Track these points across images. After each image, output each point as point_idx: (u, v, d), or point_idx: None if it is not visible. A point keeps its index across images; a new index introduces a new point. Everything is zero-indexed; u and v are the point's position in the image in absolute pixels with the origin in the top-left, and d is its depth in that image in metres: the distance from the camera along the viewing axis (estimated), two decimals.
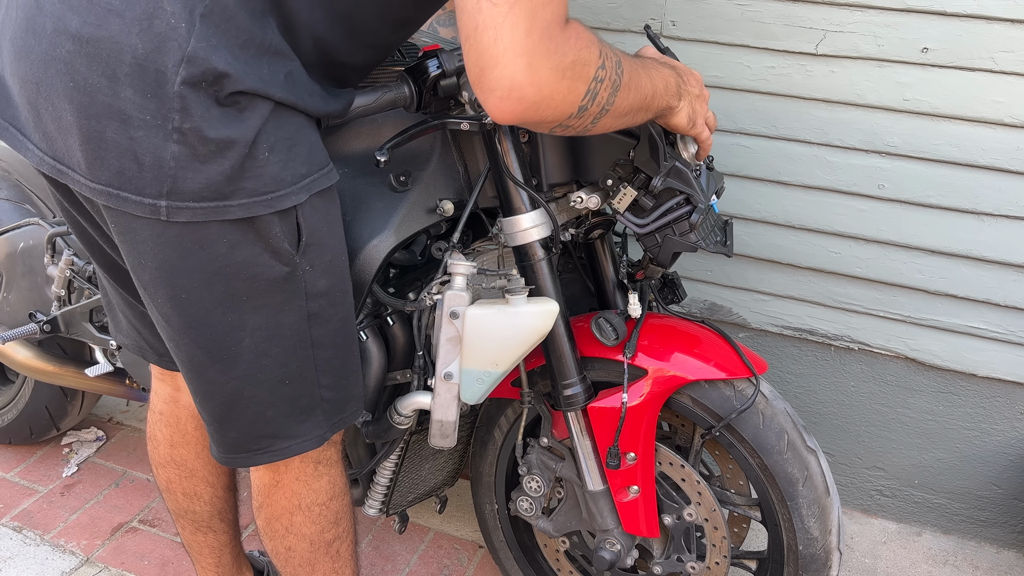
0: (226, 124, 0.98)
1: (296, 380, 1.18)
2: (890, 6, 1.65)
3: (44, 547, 1.96)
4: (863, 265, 1.88)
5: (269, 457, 1.23)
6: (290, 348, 1.16)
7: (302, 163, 1.06)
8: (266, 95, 1.00)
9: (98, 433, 2.35)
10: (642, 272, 1.48)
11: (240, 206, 1.02)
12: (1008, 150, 1.68)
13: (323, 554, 1.38)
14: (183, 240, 1.04)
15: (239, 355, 1.14)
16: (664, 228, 1.26)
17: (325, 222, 1.13)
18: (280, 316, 1.13)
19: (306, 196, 1.07)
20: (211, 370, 1.15)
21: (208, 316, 1.10)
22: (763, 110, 1.82)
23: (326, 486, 1.34)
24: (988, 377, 1.89)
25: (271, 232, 1.06)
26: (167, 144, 0.97)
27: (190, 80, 0.95)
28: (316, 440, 1.24)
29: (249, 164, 1.01)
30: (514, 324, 1.26)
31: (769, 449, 1.38)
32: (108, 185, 1.01)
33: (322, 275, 1.14)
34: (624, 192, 1.26)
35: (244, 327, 1.12)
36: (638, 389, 1.37)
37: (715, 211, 1.31)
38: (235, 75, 0.96)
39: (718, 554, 1.49)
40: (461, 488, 2.10)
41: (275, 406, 1.19)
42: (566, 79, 0.93)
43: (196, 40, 0.94)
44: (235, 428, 1.21)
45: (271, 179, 1.03)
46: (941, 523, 2.08)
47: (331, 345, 1.20)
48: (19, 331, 1.86)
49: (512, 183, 1.29)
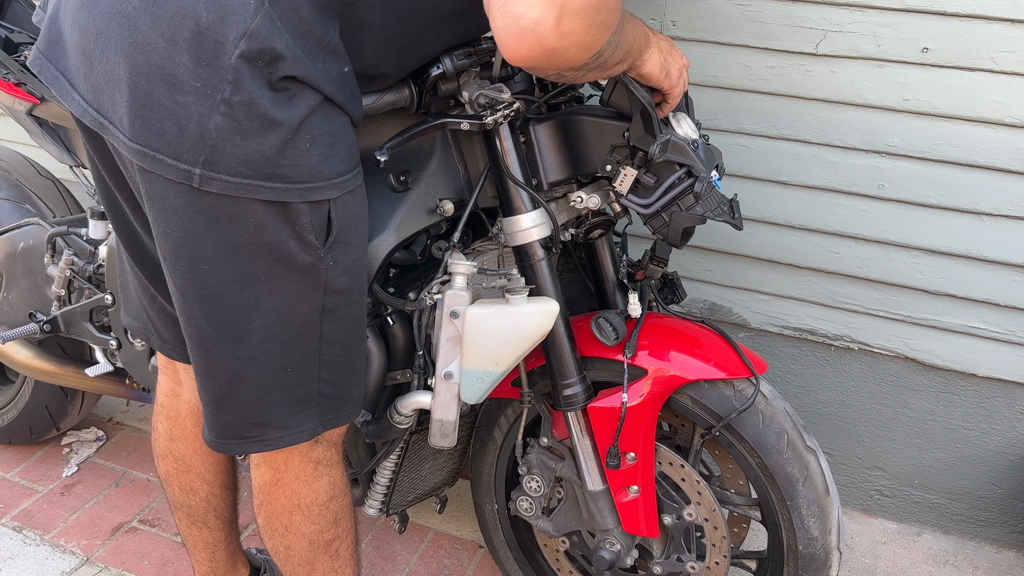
0: (274, 105, 0.99)
1: (298, 370, 1.19)
2: (890, 6, 1.65)
3: (44, 547, 1.96)
4: (863, 265, 1.88)
5: (260, 446, 1.23)
6: (298, 337, 1.16)
7: (341, 161, 1.08)
8: (317, 87, 1.02)
9: (98, 433, 2.35)
10: (642, 272, 1.48)
11: (272, 189, 1.04)
12: (1008, 150, 1.68)
13: (322, 553, 1.38)
14: (213, 211, 1.05)
15: (248, 335, 1.14)
16: (669, 205, 1.25)
17: (355, 221, 1.14)
18: (295, 304, 1.14)
19: (340, 193, 1.09)
20: (218, 347, 1.16)
21: (225, 291, 1.11)
22: (763, 110, 1.82)
23: (326, 486, 1.34)
24: (988, 377, 1.89)
25: (300, 221, 1.07)
26: (212, 114, 0.98)
27: (248, 55, 0.97)
28: (307, 433, 1.24)
29: (290, 151, 1.02)
30: (514, 324, 1.26)
31: (769, 449, 1.38)
32: (146, 146, 1.02)
33: (344, 273, 1.15)
34: (625, 173, 1.26)
35: (257, 308, 1.13)
36: (638, 389, 1.37)
37: (718, 188, 1.30)
38: (291, 59, 0.98)
39: (718, 554, 1.49)
40: (461, 488, 2.10)
41: (273, 393, 1.19)
42: (588, 35, 0.95)
43: (262, 18, 0.97)
44: (231, 411, 1.21)
45: (308, 170, 1.04)
46: (941, 523, 2.08)
47: (339, 342, 1.21)
48: (19, 331, 1.86)
49: (512, 183, 1.29)
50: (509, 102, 1.23)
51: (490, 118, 1.22)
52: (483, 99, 1.23)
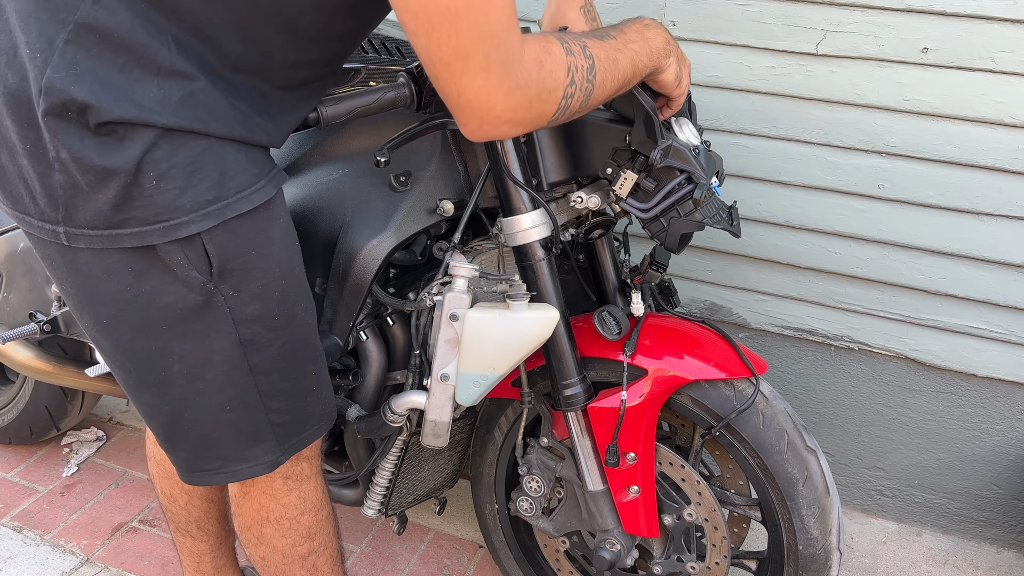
0: (102, 154, 0.94)
1: (239, 406, 1.15)
2: (890, 6, 1.65)
3: (44, 547, 1.96)
4: (863, 265, 1.88)
5: (224, 478, 1.21)
6: (224, 375, 1.12)
7: (208, 189, 1.00)
8: (145, 122, 0.94)
9: (98, 433, 2.35)
10: (640, 277, 1.48)
11: (132, 235, 0.99)
12: (1008, 150, 1.68)
13: (298, 567, 1.37)
14: (92, 267, 1.02)
15: (171, 379, 1.11)
16: (669, 211, 1.25)
17: (251, 246, 1.07)
18: (208, 343, 1.09)
19: (214, 222, 1.01)
20: (145, 393, 1.13)
21: (131, 343, 1.08)
22: (763, 110, 1.82)
23: (295, 501, 1.31)
24: (988, 377, 1.89)
25: (173, 261, 1.01)
26: (51, 173, 0.96)
27: (51, 111, 0.92)
28: (268, 465, 1.21)
29: (136, 193, 0.96)
30: (514, 330, 1.26)
31: (769, 449, 1.38)
32: (15, 209, 1.02)
33: (252, 301, 1.09)
34: (625, 177, 1.26)
35: (170, 354, 1.09)
36: (638, 389, 1.37)
37: (718, 194, 1.30)
38: (98, 105, 0.91)
39: (718, 554, 1.49)
40: (461, 488, 2.10)
41: (219, 430, 1.16)
42: (533, 107, 0.95)
43: (52, 70, 0.91)
44: (183, 449, 1.19)
45: (164, 207, 0.98)
46: (941, 523, 2.08)
47: (275, 371, 1.15)
48: (19, 331, 1.86)
49: (512, 183, 1.29)
50: None
51: None
52: None
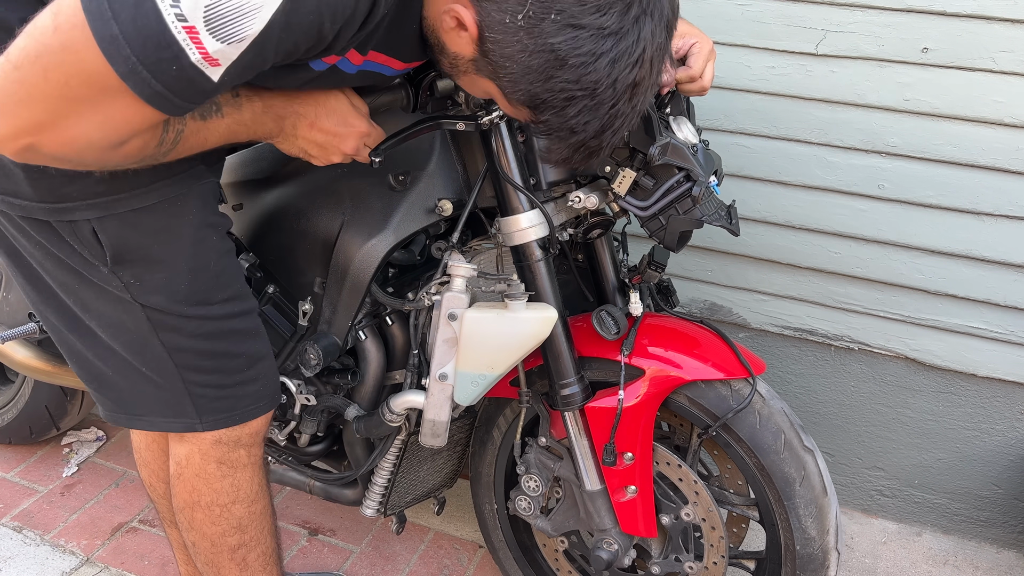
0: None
1: (155, 370, 1.22)
2: (890, 6, 1.64)
3: (44, 547, 1.96)
4: (863, 265, 1.88)
5: (143, 424, 1.29)
6: (137, 343, 1.20)
7: (98, 181, 1.06)
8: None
9: (98, 433, 2.35)
10: (639, 277, 1.48)
11: (22, 207, 1.08)
12: (1008, 150, 1.68)
13: (227, 559, 1.38)
14: (9, 228, 1.14)
15: (92, 333, 1.21)
16: (667, 208, 1.25)
17: (154, 240, 1.13)
18: (119, 313, 1.18)
19: (101, 213, 1.09)
20: (70, 337, 1.22)
21: (55, 297, 1.18)
22: (763, 110, 1.81)
23: (228, 488, 1.33)
24: (988, 377, 1.89)
25: (68, 237, 1.11)
26: None
27: None
28: (183, 425, 1.28)
29: (35, 174, 1.04)
30: (512, 330, 1.26)
31: (766, 449, 1.38)
32: None
33: (154, 292, 1.16)
34: (623, 175, 1.26)
35: (88, 309, 1.19)
36: (635, 389, 1.37)
37: (717, 193, 1.30)
38: None
39: (716, 554, 1.48)
40: (461, 488, 2.10)
41: (139, 385, 1.24)
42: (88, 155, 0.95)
43: None
44: (109, 394, 1.28)
45: (49, 191, 1.06)
46: (941, 523, 2.08)
47: (192, 351, 1.22)
48: (19, 331, 1.86)
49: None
50: None
51: (486, 118, 1.22)
52: (479, 98, 1.23)
